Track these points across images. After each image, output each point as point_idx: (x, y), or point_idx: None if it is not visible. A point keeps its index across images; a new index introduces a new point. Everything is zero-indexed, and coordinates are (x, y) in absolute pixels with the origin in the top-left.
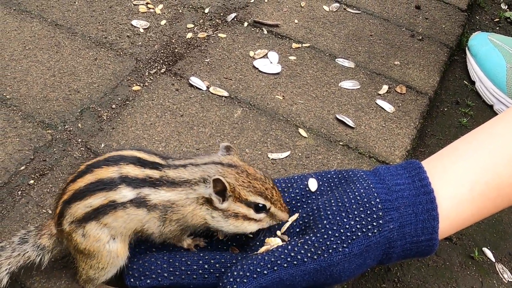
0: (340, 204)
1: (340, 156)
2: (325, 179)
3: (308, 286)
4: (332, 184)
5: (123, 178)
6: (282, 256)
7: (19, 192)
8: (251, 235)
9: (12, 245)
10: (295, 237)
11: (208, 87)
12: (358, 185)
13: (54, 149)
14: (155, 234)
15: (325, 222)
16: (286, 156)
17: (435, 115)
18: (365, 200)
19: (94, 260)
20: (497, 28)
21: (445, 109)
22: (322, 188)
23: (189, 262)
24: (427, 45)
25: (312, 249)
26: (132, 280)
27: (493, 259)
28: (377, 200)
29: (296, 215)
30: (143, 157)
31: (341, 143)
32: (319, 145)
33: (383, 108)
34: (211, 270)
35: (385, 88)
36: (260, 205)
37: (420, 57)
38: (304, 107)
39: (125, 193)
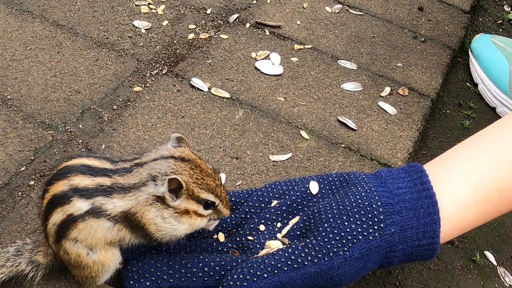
0: (341, 207)
1: (341, 159)
2: (326, 182)
3: None
4: (333, 187)
5: (74, 190)
6: (283, 259)
7: (19, 193)
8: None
9: (7, 254)
10: (295, 240)
11: (209, 88)
12: (359, 188)
13: (55, 150)
14: (147, 240)
15: (326, 225)
16: (288, 158)
17: (437, 117)
18: (367, 203)
19: (85, 271)
20: (500, 30)
21: (448, 112)
22: (323, 191)
23: (188, 265)
24: (430, 47)
25: (313, 253)
26: (131, 282)
27: (495, 263)
28: (379, 203)
29: (296, 218)
30: (93, 164)
31: (342, 145)
32: (321, 147)
33: (385, 110)
34: (211, 273)
35: (387, 90)
36: (209, 201)
37: (422, 59)
38: (306, 109)
39: (79, 205)
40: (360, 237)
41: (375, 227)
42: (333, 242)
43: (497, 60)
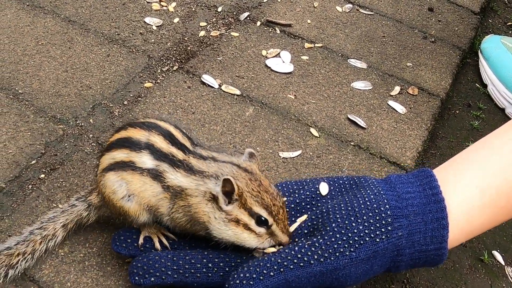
0: (349, 208)
1: (351, 156)
2: (336, 184)
3: None
4: (343, 189)
5: (149, 146)
6: (289, 258)
7: (30, 186)
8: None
9: (69, 203)
10: (302, 239)
11: (220, 85)
12: (368, 191)
13: (65, 144)
14: (165, 216)
15: (333, 225)
16: (297, 155)
17: (446, 117)
18: (375, 205)
19: (113, 210)
20: (510, 32)
21: (457, 112)
22: (333, 193)
23: (193, 261)
24: (440, 47)
25: (319, 252)
26: (136, 278)
27: (503, 262)
28: (387, 206)
29: (305, 217)
30: (176, 136)
31: (352, 143)
32: (331, 144)
33: (395, 109)
34: (215, 269)
35: (397, 89)
36: (263, 218)
37: (432, 59)
38: (316, 106)
39: (145, 160)
40: (367, 239)
41: (382, 230)
42: (340, 242)
43: (506, 61)
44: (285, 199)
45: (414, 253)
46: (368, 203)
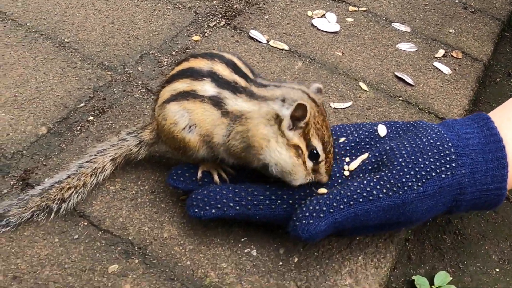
0: (413, 145)
1: (400, 110)
2: (393, 127)
3: (379, 224)
4: (400, 131)
5: (211, 74)
6: (358, 191)
7: (78, 128)
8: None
9: (119, 137)
10: (366, 175)
11: (268, 41)
12: (429, 131)
13: (114, 89)
14: (220, 146)
15: (400, 160)
16: (348, 106)
17: (488, 84)
18: (438, 143)
19: (173, 143)
20: None
21: (497, 79)
22: (391, 135)
23: (255, 192)
24: (479, 17)
25: (388, 186)
26: (196, 210)
27: None
28: (450, 144)
29: (366, 155)
30: (239, 65)
31: (401, 99)
32: (380, 98)
33: (440, 70)
34: (279, 201)
35: (441, 52)
36: (316, 152)
37: (473, 27)
38: (363, 64)
39: (207, 88)
40: (433, 174)
41: (447, 166)
42: (407, 177)
43: None
44: (343, 139)
45: (475, 192)
46: (431, 141)
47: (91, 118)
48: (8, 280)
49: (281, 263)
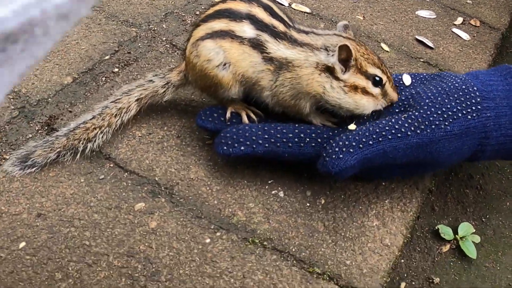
0: (439, 89)
1: (422, 70)
2: (418, 78)
3: (407, 162)
4: (425, 81)
5: (250, 16)
6: (387, 128)
7: (103, 78)
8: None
9: (145, 78)
10: (394, 115)
11: (290, 4)
12: (454, 77)
13: (139, 44)
14: (267, 91)
15: (427, 101)
16: None
17: (505, 54)
18: (463, 87)
19: (205, 80)
20: None
21: None
22: (415, 84)
23: (284, 130)
24: None
25: (416, 124)
26: (225, 148)
27: None
28: (475, 88)
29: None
30: (276, 10)
31: (421, 60)
32: (401, 59)
33: (460, 36)
34: (307, 139)
35: (460, 19)
36: (378, 78)
37: None
38: (384, 27)
39: (246, 29)
40: (459, 115)
41: (473, 108)
42: (435, 115)
43: None
44: None
45: (500, 137)
46: (457, 85)
47: (116, 69)
48: (32, 218)
49: (308, 204)
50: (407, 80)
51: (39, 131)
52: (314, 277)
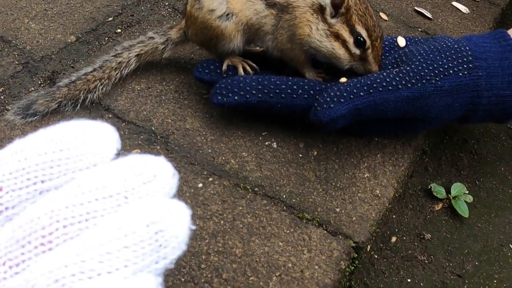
0: (432, 47)
1: None
2: (412, 40)
3: (398, 117)
4: (419, 43)
5: None
6: (378, 81)
7: (106, 38)
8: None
9: (146, 35)
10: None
11: None
12: (447, 38)
13: (142, 8)
14: (269, 35)
15: (419, 57)
16: None
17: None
18: (456, 46)
19: (207, 32)
20: None
21: None
22: (410, 47)
23: (278, 82)
24: None
25: (407, 78)
26: (219, 97)
27: None
28: (467, 48)
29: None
30: None
31: (419, 29)
32: (399, 27)
33: (459, 9)
34: (300, 91)
35: None
36: (361, 39)
37: None
38: None
39: None
40: (451, 71)
41: (465, 66)
42: (426, 71)
43: None
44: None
45: (492, 97)
46: (449, 44)
47: (119, 30)
48: None
49: (300, 155)
50: (401, 42)
51: (42, 85)
52: (304, 222)
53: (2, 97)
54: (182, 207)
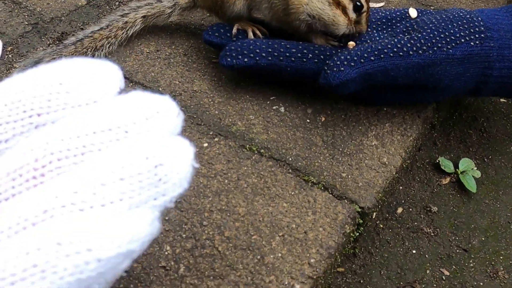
0: (444, 17)
1: None
2: (424, 12)
3: (409, 84)
4: (430, 14)
5: None
6: (389, 46)
7: (117, 3)
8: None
9: None
10: (397, 36)
11: None
12: (459, 10)
13: None
14: (265, 3)
15: (430, 25)
16: (381, 7)
17: None
18: (468, 17)
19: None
20: None
21: None
22: (422, 17)
23: (288, 46)
24: None
25: (418, 44)
26: (229, 59)
27: None
28: (479, 18)
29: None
30: None
31: (432, 7)
32: (412, 4)
33: None
34: (310, 55)
35: None
36: (359, 4)
37: None
38: None
39: None
40: (462, 40)
41: (476, 36)
42: (437, 38)
43: None
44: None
45: (503, 69)
46: (462, 15)
47: None
48: None
49: (308, 120)
50: (413, 13)
51: (50, 45)
52: (309, 185)
53: (10, 56)
54: (185, 143)
